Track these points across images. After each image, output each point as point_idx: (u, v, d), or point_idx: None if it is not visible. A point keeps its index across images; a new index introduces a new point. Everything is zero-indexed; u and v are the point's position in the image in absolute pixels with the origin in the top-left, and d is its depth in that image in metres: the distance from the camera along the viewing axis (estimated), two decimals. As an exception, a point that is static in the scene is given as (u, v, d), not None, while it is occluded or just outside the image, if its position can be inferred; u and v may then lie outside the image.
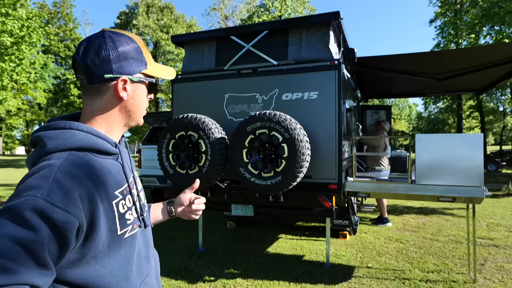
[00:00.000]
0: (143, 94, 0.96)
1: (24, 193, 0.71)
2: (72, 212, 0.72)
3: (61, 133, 0.83)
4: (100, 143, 0.87)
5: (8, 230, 0.67)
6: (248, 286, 3.62)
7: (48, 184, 0.72)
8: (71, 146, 0.82)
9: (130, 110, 0.94)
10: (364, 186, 3.89)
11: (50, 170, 0.75)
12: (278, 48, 4.05)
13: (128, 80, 0.90)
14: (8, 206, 0.70)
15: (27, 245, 0.67)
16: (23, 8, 14.76)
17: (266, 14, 23.54)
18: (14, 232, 0.66)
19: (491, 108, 28.30)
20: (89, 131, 0.86)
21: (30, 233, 0.67)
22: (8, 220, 0.68)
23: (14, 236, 0.66)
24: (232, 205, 4.14)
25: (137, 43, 0.93)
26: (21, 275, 0.66)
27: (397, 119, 44.74)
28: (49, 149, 0.81)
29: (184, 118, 3.75)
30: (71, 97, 32.53)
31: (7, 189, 11.34)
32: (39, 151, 0.83)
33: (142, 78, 0.93)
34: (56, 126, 0.85)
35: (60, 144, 0.82)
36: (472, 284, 3.57)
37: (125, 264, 0.91)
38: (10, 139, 41.20)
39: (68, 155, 0.81)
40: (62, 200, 0.72)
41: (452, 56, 5.22)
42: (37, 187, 0.71)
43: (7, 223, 0.67)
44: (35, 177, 0.74)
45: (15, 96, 19.35)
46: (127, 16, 35.46)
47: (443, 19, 22.27)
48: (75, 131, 0.84)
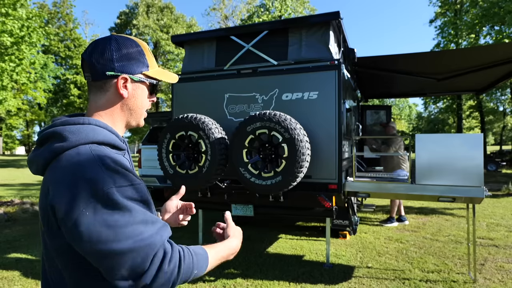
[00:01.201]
0: (143, 94, 1.00)
1: (98, 190, 0.77)
2: (135, 182, 0.83)
3: (81, 127, 0.88)
4: (114, 138, 0.93)
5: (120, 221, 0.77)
6: (248, 286, 3.62)
7: (104, 173, 0.79)
8: (93, 140, 0.86)
9: (131, 108, 0.99)
10: (364, 186, 3.89)
11: (94, 161, 0.81)
12: (278, 48, 4.05)
13: (129, 79, 0.95)
14: (97, 207, 0.76)
15: (140, 220, 0.79)
16: (23, 8, 14.76)
17: (266, 14, 23.54)
18: (125, 219, 0.77)
19: (491, 108, 28.29)
20: (105, 127, 0.92)
21: (133, 212, 0.79)
22: (113, 215, 0.76)
23: (127, 221, 0.77)
24: (232, 205, 4.14)
25: (141, 46, 0.99)
26: (156, 240, 0.80)
27: (397, 119, 44.73)
28: (71, 141, 0.85)
29: (184, 118, 3.75)
30: (71, 97, 32.53)
31: (7, 189, 11.34)
32: (59, 145, 0.85)
33: (142, 78, 0.98)
34: (75, 122, 0.89)
35: (83, 137, 0.86)
36: (472, 284, 3.57)
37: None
38: (10, 139, 41.19)
39: (92, 147, 0.85)
40: (124, 179, 0.81)
41: (452, 56, 5.22)
42: (101, 180, 0.78)
43: (114, 218, 0.76)
44: (88, 172, 0.79)
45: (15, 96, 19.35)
46: (127, 16, 35.46)
47: (443, 19, 22.27)
48: (95, 126, 0.90)
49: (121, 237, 0.76)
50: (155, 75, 1.00)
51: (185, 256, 0.84)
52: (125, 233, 0.76)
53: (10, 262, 4.29)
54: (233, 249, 1.03)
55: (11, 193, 10.22)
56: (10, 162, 25.45)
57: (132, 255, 0.76)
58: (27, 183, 13.29)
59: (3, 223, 6.31)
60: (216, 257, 0.95)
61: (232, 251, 1.03)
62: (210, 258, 0.92)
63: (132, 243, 0.76)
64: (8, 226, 6.12)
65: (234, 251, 1.03)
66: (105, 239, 0.75)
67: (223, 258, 0.99)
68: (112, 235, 0.75)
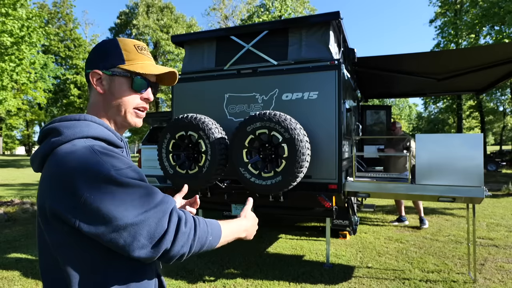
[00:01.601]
0: (121, 89, 0.97)
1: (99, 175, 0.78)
2: (131, 165, 0.85)
3: (77, 123, 0.90)
4: (110, 134, 0.94)
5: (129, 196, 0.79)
6: (248, 286, 3.62)
7: (101, 159, 0.81)
8: (87, 134, 0.88)
9: (113, 105, 0.98)
10: (364, 186, 3.89)
11: (88, 150, 0.82)
12: (278, 48, 4.04)
13: (102, 74, 0.96)
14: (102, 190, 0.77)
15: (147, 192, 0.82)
16: (23, 8, 14.75)
17: (266, 14, 23.52)
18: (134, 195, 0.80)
19: (491, 108, 28.29)
20: (100, 123, 0.94)
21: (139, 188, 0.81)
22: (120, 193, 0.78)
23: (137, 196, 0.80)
24: (232, 205, 4.14)
25: (118, 42, 0.98)
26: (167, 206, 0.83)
27: (397, 119, 44.71)
28: (66, 135, 0.86)
29: (184, 118, 3.75)
30: (71, 97, 32.52)
31: (7, 189, 11.34)
32: (55, 139, 0.87)
33: (115, 72, 0.96)
34: (71, 118, 0.91)
35: (78, 132, 0.87)
36: (472, 284, 3.57)
37: None
38: (10, 139, 41.20)
39: (87, 140, 0.87)
40: (121, 162, 0.83)
41: (452, 56, 5.22)
42: (99, 166, 0.79)
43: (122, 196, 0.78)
44: (86, 160, 0.80)
45: (15, 96, 19.34)
46: (127, 16, 35.45)
47: (443, 19, 22.27)
48: (89, 122, 0.91)
49: (132, 209, 0.78)
50: (133, 68, 0.96)
51: (200, 221, 0.88)
52: (135, 205, 0.78)
53: (10, 262, 4.29)
54: (244, 226, 1.05)
55: (11, 193, 10.22)
56: (10, 162, 25.45)
57: (148, 222, 0.78)
58: (27, 183, 13.29)
59: (3, 223, 6.31)
60: (229, 230, 0.98)
61: (243, 228, 1.05)
62: (223, 229, 0.95)
63: (144, 212, 0.79)
64: (8, 226, 6.12)
65: (245, 229, 1.06)
66: (117, 215, 0.77)
67: (235, 233, 1.01)
68: (123, 210, 0.77)
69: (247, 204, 1.17)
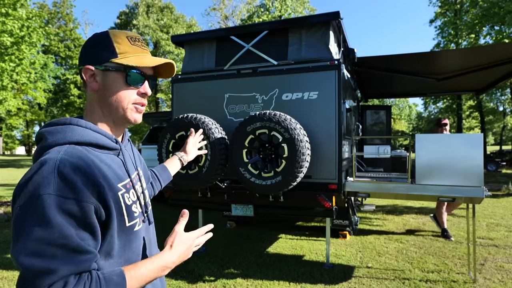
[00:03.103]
0: (116, 84, 0.92)
1: (35, 191, 0.74)
2: (84, 200, 0.77)
3: (61, 128, 0.87)
4: (98, 137, 0.89)
5: (38, 234, 0.72)
6: (248, 286, 3.62)
7: (54, 178, 0.75)
8: (70, 140, 0.84)
9: (108, 101, 0.92)
10: (364, 186, 3.89)
11: (53, 164, 0.77)
12: (278, 48, 4.05)
13: (95, 70, 0.91)
14: (26, 208, 0.73)
15: (58, 243, 0.73)
16: (23, 8, 14.75)
17: (266, 14, 23.52)
18: (43, 235, 0.72)
19: (491, 108, 28.29)
20: (87, 127, 0.89)
21: (56, 231, 0.73)
22: (34, 224, 0.72)
23: (45, 238, 0.72)
24: (232, 205, 4.14)
25: (110, 34, 0.92)
26: (61, 270, 0.73)
27: (397, 119, 44.71)
28: (49, 143, 0.84)
29: (184, 118, 3.75)
30: (71, 97, 32.51)
31: (7, 189, 11.34)
32: (41, 146, 0.86)
33: (109, 66, 0.91)
34: (57, 123, 0.89)
35: (60, 138, 0.84)
36: (472, 284, 3.57)
37: (136, 258, 0.94)
38: (10, 139, 41.17)
39: (67, 148, 0.83)
40: (72, 191, 0.76)
41: (452, 56, 5.22)
42: (45, 184, 0.74)
43: (34, 228, 0.72)
44: (40, 173, 0.76)
45: (15, 96, 19.33)
46: (127, 16, 35.44)
47: (443, 19, 22.26)
48: (74, 126, 0.87)
49: (27, 250, 0.72)
50: (126, 62, 0.91)
51: None
52: (32, 248, 0.72)
53: (10, 262, 4.29)
54: (162, 266, 0.89)
55: (11, 193, 10.20)
56: (10, 162, 25.46)
57: (29, 275, 0.71)
58: (27, 183, 13.28)
59: (3, 223, 6.30)
60: (138, 280, 0.84)
61: (161, 269, 0.89)
62: (128, 282, 0.82)
63: (32, 262, 0.71)
64: (8, 226, 6.11)
65: (164, 268, 0.90)
66: (15, 244, 0.73)
67: (150, 278, 0.87)
68: (21, 243, 0.72)
69: (179, 223, 1.01)
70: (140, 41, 0.97)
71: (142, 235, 0.98)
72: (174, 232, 0.98)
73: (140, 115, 0.98)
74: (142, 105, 0.97)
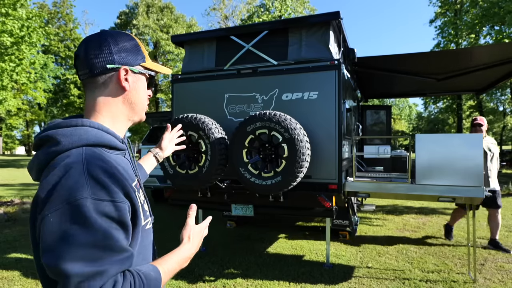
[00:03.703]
0: (143, 87, 1.00)
1: (71, 196, 0.73)
2: (119, 200, 0.78)
3: (74, 130, 0.85)
4: (110, 139, 0.89)
5: (81, 239, 0.72)
6: (248, 286, 3.62)
7: (86, 181, 0.75)
8: (87, 142, 0.83)
9: (133, 102, 0.97)
10: (364, 186, 3.89)
11: (80, 167, 0.77)
12: (278, 48, 4.05)
13: (129, 71, 0.94)
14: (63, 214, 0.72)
15: (103, 245, 0.74)
16: (23, 8, 14.75)
17: (266, 14, 23.52)
18: (86, 239, 0.72)
19: (491, 108, 28.29)
20: (100, 128, 0.88)
21: (99, 233, 0.73)
22: (75, 229, 0.72)
23: (88, 242, 0.72)
24: (232, 205, 4.14)
25: (135, 40, 0.99)
26: (110, 270, 0.74)
27: (397, 119, 44.72)
28: (64, 145, 0.82)
29: (184, 118, 3.75)
30: (71, 97, 32.51)
31: (7, 189, 11.34)
32: (52, 149, 0.82)
33: (142, 70, 0.98)
34: (68, 124, 0.86)
35: (76, 140, 0.83)
36: (472, 284, 3.57)
37: (149, 255, 0.98)
38: (10, 139, 41.18)
39: (87, 150, 0.82)
40: (106, 193, 0.76)
41: (452, 56, 5.22)
42: (79, 188, 0.74)
43: (76, 233, 0.72)
44: (70, 178, 0.75)
45: (15, 96, 19.34)
46: (127, 16, 35.43)
47: (443, 19, 22.26)
48: (88, 127, 0.86)
49: (72, 256, 0.71)
50: (152, 66, 1.01)
51: (135, 286, 0.79)
52: (78, 254, 0.71)
53: (10, 262, 4.29)
54: (185, 257, 0.99)
55: (11, 193, 10.22)
56: (10, 162, 25.46)
57: (78, 280, 0.71)
58: (27, 183, 13.29)
59: (3, 223, 6.31)
60: (169, 272, 0.92)
61: (185, 259, 0.99)
62: (163, 276, 0.88)
63: (81, 267, 0.71)
64: (8, 226, 6.12)
65: (187, 259, 1.00)
66: (56, 253, 0.71)
67: (176, 270, 0.96)
68: (65, 251, 0.71)
69: (189, 216, 1.06)
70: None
71: (152, 233, 1.01)
72: (188, 225, 1.05)
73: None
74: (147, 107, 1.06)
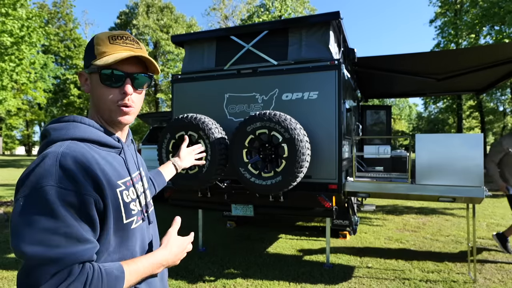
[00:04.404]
0: (96, 85, 0.94)
1: (38, 183, 0.76)
2: (84, 192, 0.80)
3: (65, 125, 0.90)
4: (101, 135, 0.92)
5: (42, 224, 0.74)
6: (248, 286, 3.62)
7: (56, 170, 0.78)
8: (73, 136, 0.87)
9: (95, 101, 0.96)
10: (364, 186, 3.89)
11: (54, 157, 0.80)
12: (278, 48, 4.05)
13: (85, 74, 0.97)
14: (28, 199, 0.75)
15: (62, 232, 0.75)
16: (23, 8, 14.74)
17: (266, 14, 23.51)
18: (47, 224, 0.74)
19: (491, 108, 28.26)
20: (91, 124, 0.93)
21: (60, 220, 0.75)
22: (37, 214, 0.74)
23: (49, 228, 0.74)
24: (232, 205, 4.14)
25: (94, 38, 0.96)
26: (66, 258, 0.75)
27: (397, 119, 44.71)
28: (52, 138, 0.87)
29: (184, 118, 3.75)
30: (71, 97, 32.51)
31: (7, 189, 11.34)
32: (45, 141, 0.89)
33: (91, 69, 0.94)
34: (62, 120, 0.92)
35: (63, 134, 0.87)
36: (472, 284, 3.57)
37: (130, 256, 0.94)
38: (10, 139, 41.13)
39: (69, 143, 0.85)
40: (73, 183, 0.78)
41: (452, 56, 5.22)
42: (47, 176, 0.77)
43: (37, 218, 0.74)
44: (42, 166, 0.79)
45: (15, 96, 19.33)
46: (127, 16, 35.44)
47: (443, 19, 22.25)
48: (78, 123, 0.91)
49: (32, 239, 0.73)
50: (97, 62, 0.91)
51: (92, 280, 0.78)
52: (37, 237, 0.73)
53: (10, 262, 4.29)
54: (158, 263, 0.95)
55: (11, 193, 10.21)
56: (10, 162, 25.45)
57: (33, 264, 0.73)
58: (27, 183, 13.28)
59: (3, 223, 6.31)
60: (136, 274, 0.89)
61: (158, 265, 0.95)
62: (127, 276, 0.86)
63: (38, 250, 0.73)
64: (8, 226, 6.12)
65: (160, 265, 0.96)
66: (20, 235, 0.74)
67: (146, 273, 0.92)
68: (26, 234, 0.73)
69: (172, 227, 1.07)
70: (123, 39, 0.95)
71: (138, 233, 0.99)
72: (169, 233, 1.05)
73: (129, 116, 0.97)
74: (126, 106, 0.95)
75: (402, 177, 4.20)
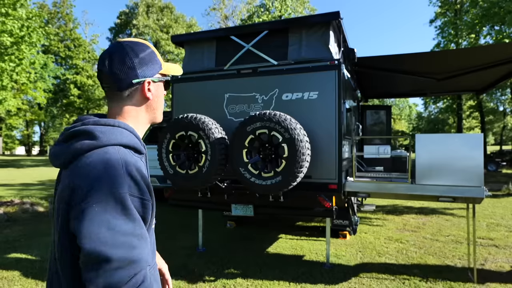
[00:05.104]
0: (162, 92, 1.09)
1: (113, 189, 0.80)
2: (147, 198, 0.87)
3: (112, 129, 0.93)
4: (137, 142, 0.97)
5: (122, 227, 0.79)
6: (248, 286, 3.62)
7: (125, 178, 0.83)
8: (120, 142, 0.91)
9: (155, 107, 1.07)
10: (364, 186, 3.89)
11: (120, 165, 0.85)
12: (278, 48, 4.04)
13: (151, 82, 1.03)
14: (105, 204, 0.79)
15: (139, 233, 0.82)
16: (23, 8, 14.75)
17: (266, 14, 23.51)
18: (126, 227, 0.79)
19: (491, 108, 28.29)
20: (131, 131, 0.97)
21: (137, 223, 0.82)
22: (117, 219, 0.79)
23: (128, 231, 0.79)
24: (232, 205, 4.14)
25: (151, 48, 1.05)
26: (143, 260, 0.80)
27: (397, 119, 44.73)
28: (102, 141, 0.89)
29: (184, 118, 3.75)
30: (71, 97, 32.55)
31: (7, 189, 11.34)
32: (90, 142, 0.89)
33: (160, 78, 1.06)
34: (106, 123, 0.94)
35: (113, 139, 0.90)
36: (472, 284, 3.57)
37: (153, 252, 1.01)
38: (10, 139, 41.15)
39: (119, 149, 0.89)
40: (138, 190, 0.85)
41: (452, 56, 5.22)
42: (121, 183, 0.82)
43: (118, 222, 0.79)
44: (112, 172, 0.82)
45: (15, 96, 19.33)
46: (127, 16, 35.46)
47: (443, 19, 22.26)
48: (123, 129, 0.95)
49: (116, 242, 0.77)
50: (168, 71, 1.08)
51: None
52: (120, 241, 0.77)
53: (10, 262, 4.29)
54: None
55: (11, 193, 10.22)
56: (10, 162, 25.46)
57: (117, 265, 0.76)
58: (27, 183, 13.29)
59: (3, 223, 6.30)
60: None
61: None
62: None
63: (123, 253, 0.77)
64: (8, 226, 6.11)
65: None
66: (101, 240, 0.76)
67: None
68: (109, 237, 0.77)
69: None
70: None
71: (153, 233, 1.07)
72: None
73: None
74: None
75: (402, 177, 4.20)
